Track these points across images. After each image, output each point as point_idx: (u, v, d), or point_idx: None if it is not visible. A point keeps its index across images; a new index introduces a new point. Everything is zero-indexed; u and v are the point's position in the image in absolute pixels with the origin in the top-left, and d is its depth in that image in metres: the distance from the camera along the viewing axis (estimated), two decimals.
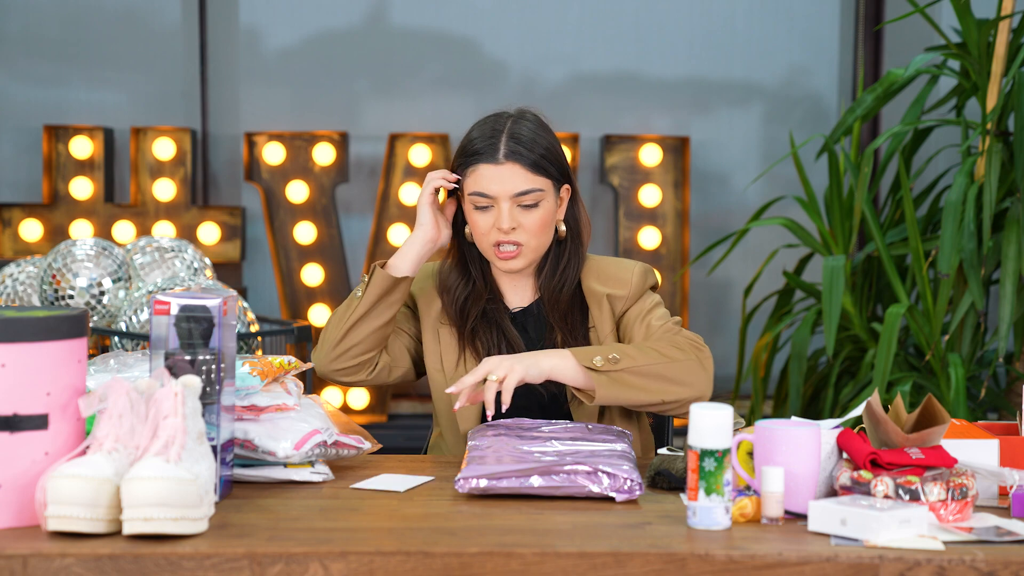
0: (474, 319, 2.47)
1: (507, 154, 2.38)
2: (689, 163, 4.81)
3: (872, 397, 1.98)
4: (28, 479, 1.82)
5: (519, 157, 2.39)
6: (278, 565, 1.73)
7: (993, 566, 1.74)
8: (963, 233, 3.61)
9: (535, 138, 2.41)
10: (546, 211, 2.41)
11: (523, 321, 2.50)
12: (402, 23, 4.95)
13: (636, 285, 2.48)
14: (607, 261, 2.53)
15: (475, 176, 2.40)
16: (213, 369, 1.94)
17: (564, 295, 2.47)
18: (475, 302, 2.48)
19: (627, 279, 2.48)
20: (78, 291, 3.41)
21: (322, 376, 2.48)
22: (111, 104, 4.90)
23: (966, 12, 3.71)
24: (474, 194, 2.40)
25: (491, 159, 2.39)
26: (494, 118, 2.45)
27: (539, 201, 2.40)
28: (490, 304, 2.48)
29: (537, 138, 2.41)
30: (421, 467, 2.25)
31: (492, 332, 2.46)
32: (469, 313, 2.47)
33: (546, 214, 2.41)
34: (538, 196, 2.40)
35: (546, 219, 2.42)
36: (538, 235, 2.41)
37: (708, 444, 1.84)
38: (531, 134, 2.41)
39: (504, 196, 2.38)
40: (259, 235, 4.91)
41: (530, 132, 2.42)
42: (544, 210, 2.41)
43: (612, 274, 2.49)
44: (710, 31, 4.96)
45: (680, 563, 1.74)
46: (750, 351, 4.50)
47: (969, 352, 3.76)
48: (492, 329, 2.47)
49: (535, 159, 2.39)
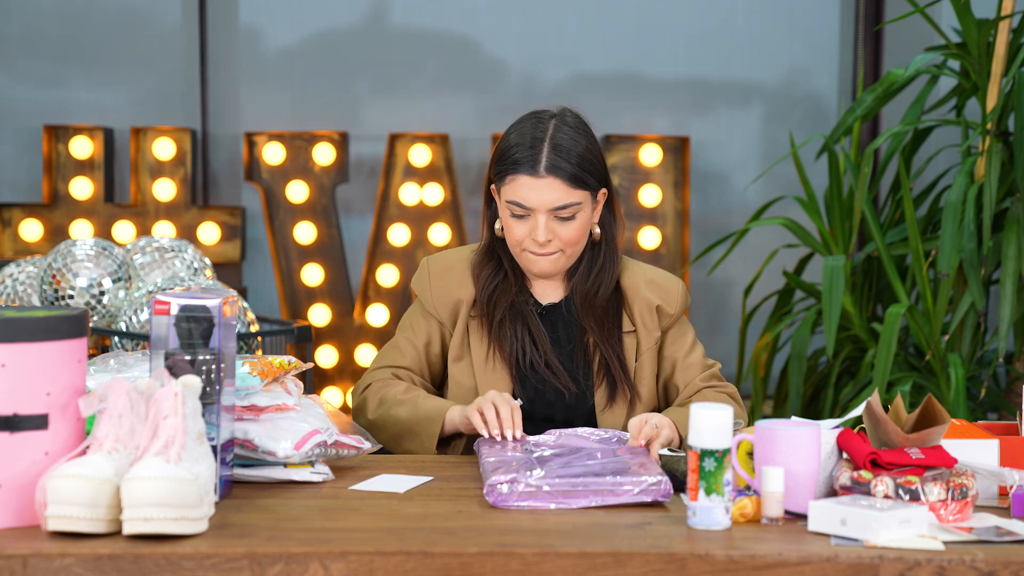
0: (502, 311, 2.47)
1: (548, 167, 2.37)
2: (689, 163, 4.81)
3: (872, 397, 1.98)
4: (28, 479, 1.82)
5: (559, 172, 2.37)
6: (278, 565, 1.73)
7: (993, 566, 1.74)
8: (963, 233, 3.61)
9: (575, 148, 2.39)
10: (582, 222, 2.42)
11: (552, 317, 2.50)
12: (402, 23, 4.95)
13: (680, 305, 2.52)
14: (650, 269, 2.54)
15: (514, 185, 2.39)
16: (213, 369, 1.94)
17: (600, 299, 2.47)
18: (504, 294, 2.48)
19: (675, 294, 2.52)
20: (78, 291, 3.41)
21: None
22: (111, 104, 4.90)
23: (966, 12, 3.70)
24: (512, 203, 2.40)
25: (531, 171, 2.37)
26: (534, 121, 2.43)
27: (576, 213, 2.40)
28: (519, 297, 2.48)
29: (577, 147, 2.40)
30: (421, 467, 2.25)
31: (518, 326, 2.46)
32: (497, 304, 2.47)
33: (582, 225, 2.42)
34: (576, 209, 2.40)
35: (582, 229, 2.42)
36: (573, 244, 2.42)
37: (708, 444, 1.84)
38: (571, 143, 2.39)
39: (542, 209, 2.38)
40: (259, 235, 4.91)
41: (570, 142, 2.40)
42: (580, 221, 2.41)
43: (661, 284, 2.52)
44: (710, 31, 4.96)
45: (680, 563, 1.74)
46: (750, 351, 4.50)
47: (969, 352, 3.76)
48: (519, 323, 2.46)
49: (575, 172, 2.38)
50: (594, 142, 2.45)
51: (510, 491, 1.96)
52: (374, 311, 4.73)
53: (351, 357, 4.74)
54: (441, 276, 2.52)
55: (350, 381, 4.74)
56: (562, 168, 2.37)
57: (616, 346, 2.45)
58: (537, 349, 2.45)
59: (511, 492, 1.96)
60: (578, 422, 2.45)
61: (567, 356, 2.47)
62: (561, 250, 2.42)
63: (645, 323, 2.49)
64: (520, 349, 2.44)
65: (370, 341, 4.73)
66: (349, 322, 4.75)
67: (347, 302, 4.76)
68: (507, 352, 2.44)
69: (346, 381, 4.74)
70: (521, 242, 2.41)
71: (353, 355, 4.74)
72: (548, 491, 1.96)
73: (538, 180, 2.37)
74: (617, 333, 2.47)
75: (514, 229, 2.41)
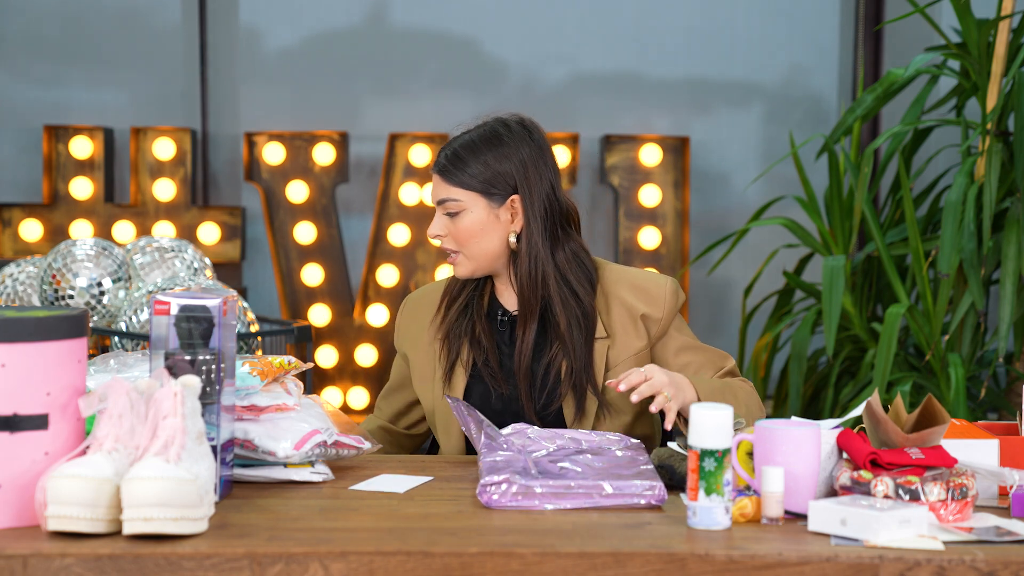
0: (455, 313, 2.50)
1: (436, 165, 2.47)
2: (689, 163, 4.81)
3: (872, 397, 1.98)
4: (28, 479, 1.82)
5: (441, 168, 2.45)
6: (278, 565, 1.73)
7: (993, 566, 1.74)
8: (963, 233, 3.61)
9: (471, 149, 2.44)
10: (471, 221, 2.43)
11: (513, 323, 2.49)
12: (402, 23, 4.95)
13: (668, 307, 2.47)
14: (634, 273, 2.51)
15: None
16: (213, 369, 1.94)
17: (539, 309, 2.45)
18: (463, 299, 2.51)
19: (660, 298, 2.47)
20: (78, 291, 3.41)
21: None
22: (111, 104, 4.90)
23: (966, 12, 3.71)
24: None
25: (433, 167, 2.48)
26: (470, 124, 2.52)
27: (459, 211, 2.43)
28: (477, 303, 2.50)
29: (475, 150, 2.44)
30: (421, 467, 2.25)
31: (466, 327, 2.49)
32: (450, 307, 2.51)
33: (471, 223, 2.43)
34: (457, 207, 2.44)
35: (470, 228, 2.43)
36: (464, 243, 2.44)
37: (708, 444, 1.84)
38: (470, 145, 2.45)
39: (434, 203, 2.47)
40: (259, 235, 4.91)
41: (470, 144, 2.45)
42: (468, 219, 2.43)
43: (645, 288, 2.47)
44: (710, 31, 4.96)
45: (680, 563, 1.74)
46: (750, 351, 4.50)
47: (969, 352, 3.76)
48: (468, 325, 2.49)
49: (455, 172, 2.43)
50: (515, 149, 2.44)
51: (504, 491, 1.96)
52: (374, 311, 4.73)
53: (351, 357, 4.74)
54: (413, 311, 2.57)
55: (350, 381, 4.74)
56: (444, 167, 2.45)
57: (580, 352, 2.43)
58: (481, 351, 2.45)
59: (504, 493, 1.96)
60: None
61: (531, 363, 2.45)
62: (457, 251, 2.46)
63: (625, 330, 2.45)
64: (467, 351, 2.46)
65: (370, 341, 4.73)
66: (349, 322, 4.75)
67: (347, 302, 4.76)
68: (456, 357, 2.47)
69: (346, 381, 4.74)
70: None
71: (353, 355, 4.74)
72: (540, 492, 1.96)
73: (434, 176, 2.47)
74: (584, 339, 2.44)
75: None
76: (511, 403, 2.43)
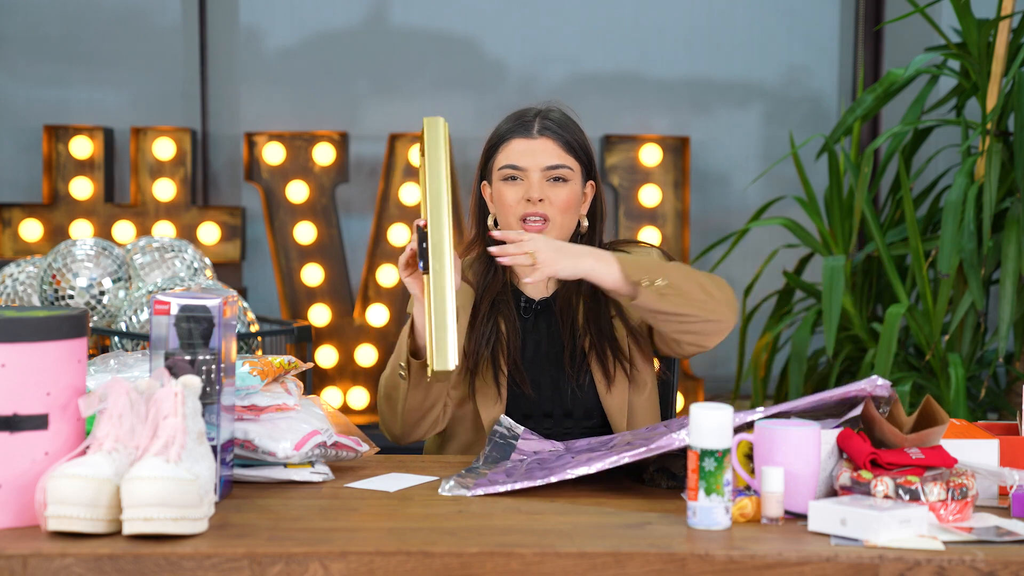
0: (488, 304, 2.47)
1: (540, 130, 2.45)
2: (689, 163, 4.81)
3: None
4: (28, 479, 1.82)
5: (552, 134, 2.45)
6: (278, 565, 1.73)
7: (993, 566, 1.74)
8: (963, 233, 3.61)
9: (567, 122, 2.48)
10: (573, 192, 2.45)
11: (539, 311, 2.49)
12: (402, 23, 4.95)
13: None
14: (625, 247, 2.55)
15: (507, 151, 2.45)
16: (213, 369, 1.94)
17: (584, 289, 2.47)
18: (489, 293, 2.49)
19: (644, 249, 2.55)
20: (78, 291, 3.41)
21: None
22: (111, 104, 4.90)
23: (966, 12, 3.71)
24: (505, 167, 2.44)
25: (525, 134, 2.45)
26: (523, 110, 2.51)
27: (568, 179, 2.44)
28: (500, 296, 2.48)
29: (569, 123, 2.49)
30: (421, 467, 2.25)
31: (500, 323, 2.46)
32: (483, 298, 2.48)
33: (572, 195, 2.45)
34: (568, 173, 2.44)
35: (572, 199, 2.45)
36: (563, 211, 2.44)
37: (708, 444, 1.84)
38: (563, 118, 2.49)
39: (535, 168, 2.42)
40: (259, 235, 4.91)
41: (562, 116, 2.49)
42: (571, 190, 2.44)
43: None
44: (710, 31, 4.96)
45: (680, 563, 1.74)
46: (750, 351, 4.50)
47: (969, 352, 3.76)
48: (500, 321, 2.46)
49: (568, 139, 2.45)
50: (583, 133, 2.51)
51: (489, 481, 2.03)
52: (374, 311, 4.73)
53: (351, 357, 4.74)
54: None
55: (350, 381, 4.74)
56: (554, 131, 2.45)
57: (605, 328, 2.46)
58: (508, 349, 2.44)
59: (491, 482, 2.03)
60: (577, 414, 2.45)
61: (558, 350, 2.47)
62: (551, 219, 2.42)
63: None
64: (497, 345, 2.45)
65: (370, 341, 4.73)
66: (349, 322, 4.75)
67: (347, 302, 4.76)
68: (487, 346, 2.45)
69: (346, 381, 4.74)
70: (515, 207, 2.42)
71: (353, 355, 4.74)
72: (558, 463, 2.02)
73: (532, 142, 2.44)
74: (606, 315, 2.47)
75: (506, 195, 2.44)
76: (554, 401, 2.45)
